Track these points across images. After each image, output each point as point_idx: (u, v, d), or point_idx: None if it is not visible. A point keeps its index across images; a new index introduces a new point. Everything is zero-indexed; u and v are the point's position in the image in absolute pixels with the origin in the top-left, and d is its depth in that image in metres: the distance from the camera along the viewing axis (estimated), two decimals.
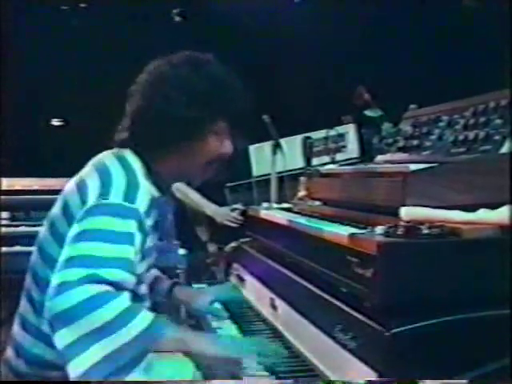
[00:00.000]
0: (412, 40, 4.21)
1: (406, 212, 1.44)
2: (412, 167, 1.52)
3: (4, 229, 3.65)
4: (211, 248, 3.89)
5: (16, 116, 4.90)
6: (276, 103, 4.38)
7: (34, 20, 4.97)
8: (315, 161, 3.19)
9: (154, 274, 1.93)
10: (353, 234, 1.39)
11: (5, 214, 3.77)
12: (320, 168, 2.39)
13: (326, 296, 1.49)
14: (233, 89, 1.60)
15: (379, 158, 2.01)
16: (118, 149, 1.60)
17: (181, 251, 3.41)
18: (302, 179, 2.40)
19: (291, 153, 3.48)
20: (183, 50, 1.63)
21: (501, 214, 1.33)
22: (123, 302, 1.31)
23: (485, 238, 1.31)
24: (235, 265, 2.44)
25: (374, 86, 3.50)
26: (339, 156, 3.61)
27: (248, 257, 2.32)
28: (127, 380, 1.28)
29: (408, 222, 1.36)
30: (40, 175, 3.93)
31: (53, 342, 1.29)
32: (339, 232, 1.46)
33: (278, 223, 2.02)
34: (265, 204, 2.72)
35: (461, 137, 1.77)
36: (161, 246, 1.71)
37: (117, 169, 1.51)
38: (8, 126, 4.65)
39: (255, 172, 4.24)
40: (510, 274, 1.23)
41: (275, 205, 2.70)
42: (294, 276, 1.74)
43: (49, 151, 5.21)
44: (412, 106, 2.29)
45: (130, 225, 1.40)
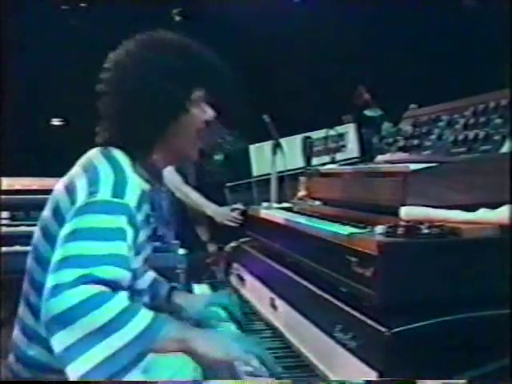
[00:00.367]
0: (412, 40, 4.21)
1: (406, 212, 1.44)
2: (412, 167, 1.52)
3: (4, 228, 3.65)
4: (211, 248, 3.89)
5: (16, 116, 4.90)
6: (276, 103, 4.38)
7: (34, 20, 4.97)
8: (315, 160, 3.19)
9: (152, 277, 1.91)
10: (353, 234, 1.39)
11: (5, 214, 3.77)
12: (320, 168, 2.39)
13: (326, 296, 1.49)
14: (197, 54, 1.59)
15: (379, 158, 2.01)
16: (104, 147, 1.58)
17: (181, 251, 3.41)
18: (302, 179, 2.40)
19: (291, 152, 3.48)
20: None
21: (501, 214, 1.33)
22: (121, 302, 1.29)
23: (485, 238, 1.31)
24: (235, 264, 2.43)
25: (374, 86, 3.51)
26: (339, 156, 3.61)
27: (248, 256, 2.32)
28: (127, 380, 1.27)
29: (408, 222, 1.36)
30: (40, 175, 3.93)
31: (50, 346, 1.27)
32: (339, 232, 1.46)
33: (278, 223, 2.02)
34: (265, 204, 2.72)
35: (461, 136, 1.77)
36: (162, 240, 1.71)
37: (104, 166, 1.50)
38: (8, 126, 4.65)
39: (255, 172, 4.24)
40: (510, 274, 1.23)
41: (275, 204, 2.70)
42: (294, 276, 1.74)
43: (49, 151, 5.21)
44: (412, 106, 2.29)
45: (121, 220, 1.39)
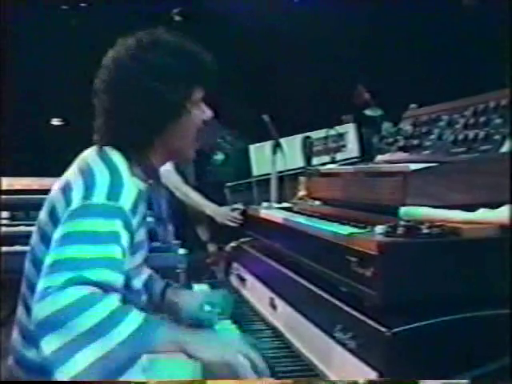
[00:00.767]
0: (412, 40, 4.22)
1: (406, 212, 1.44)
2: (412, 167, 1.52)
3: (4, 228, 3.65)
4: (211, 248, 3.89)
5: (16, 116, 4.90)
6: (276, 103, 4.38)
7: (34, 20, 4.97)
8: (315, 160, 3.19)
9: (148, 273, 1.90)
10: (353, 234, 1.39)
11: (5, 214, 3.77)
12: (320, 168, 2.39)
13: (326, 295, 1.48)
14: (196, 54, 1.58)
15: (379, 158, 2.01)
16: (101, 146, 1.57)
17: (181, 251, 3.41)
18: (302, 179, 2.40)
19: (291, 152, 3.48)
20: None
21: (501, 214, 1.33)
22: (111, 304, 1.27)
23: (485, 238, 1.31)
24: (235, 264, 2.43)
25: (374, 86, 3.51)
26: (339, 155, 3.61)
27: (248, 256, 2.32)
28: (127, 380, 1.26)
29: (408, 222, 1.36)
30: (40, 175, 3.93)
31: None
32: (339, 232, 1.46)
33: (278, 223, 2.02)
34: (265, 204, 2.72)
35: (461, 136, 1.77)
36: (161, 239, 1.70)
37: (100, 168, 1.49)
38: (8, 126, 4.65)
39: (255, 172, 4.24)
40: (510, 274, 1.23)
41: (275, 204, 2.70)
42: (294, 275, 1.74)
43: (49, 151, 5.21)
44: (412, 106, 2.29)
45: (115, 224, 1.38)
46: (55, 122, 5.47)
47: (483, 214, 1.36)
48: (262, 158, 4.02)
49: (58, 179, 1.58)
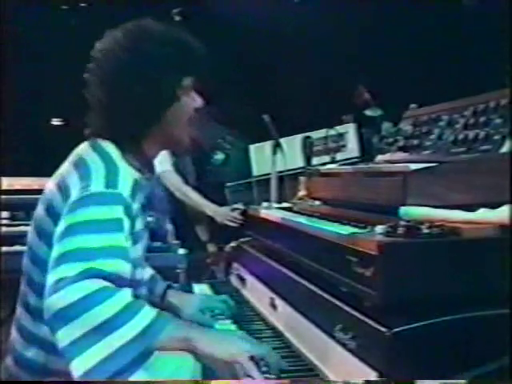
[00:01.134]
0: (412, 40, 4.21)
1: (406, 211, 1.44)
2: (412, 167, 1.52)
3: (4, 228, 3.65)
4: (211, 248, 3.89)
5: (16, 116, 4.90)
6: (276, 103, 4.38)
7: (34, 20, 4.97)
8: (315, 160, 3.19)
9: (150, 274, 1.91)
10: (353, 234, 1.39)
11: (5, 214, 3.77)
12: (320, 168, 2.39)
13: (326, 295, 1.49)
14: (184, 42, 1.58)
15: (379, 158, 2.01)
16: (94, 139, 1.57)
17: (181, 251, 3.41)
18: (302, 179, 2.40)
19: (291, 152, 3.48)
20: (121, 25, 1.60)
21: (501, 214, 1.33)
22: (124, 298, 1.28)
23: (485, 238, 1.31)
24: (235, 264, 2.44)
25: (374, 86, 3.50)
26: (339, 155, 3.61)
27: (248, 256, 2.32)
28: (127, 380, 1.26)
29: (408, 222, 1.36)
30: (40, 175, 3.92)
31: (50, 348, 1.26)
32: (339, 231, 1.46)
33: (278, 223, 2.02)
34: (265, 204, 2.72)
35: (461, 136, 1.77)
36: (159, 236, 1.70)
37: (94, 159, 1.49)
38: (8, 126, 4.65)
39: (255, 172, 4.24)
40: (510, 274, 1.23)
41: (275, 204, 2.70)
42: (294, 275, 1.74)
43: (49, 151, 5.20)
44: (412, 106, 2.29)
45: (117, 210, 1.38)
46: (55, 122, 5.46)
47: (483, 214, 1.36)
48: (262, 158, 4.01)
49: (53, 176, 1.58)
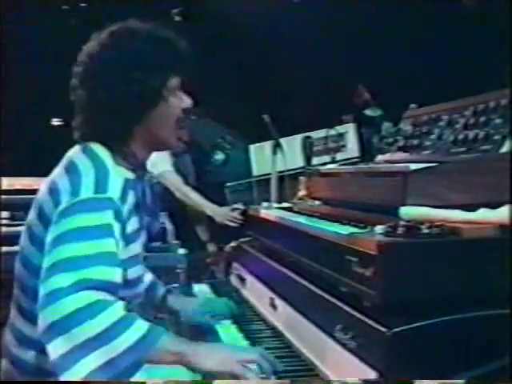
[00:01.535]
0: (412, 40, 4.21)
1: (406, 211, 1.44)
2: (412, 167, 1.52)
3: (4, 228, 3.65)
4: (211, 248, 3.89)
5: (16, 116, 4.89)
6: (276, 103, 4.38)
7: (34, 20, 4.97)
8: (315, 160, 3.19)
9: (150, 280, 1.90)
10: (353, 234, 1.39)
11: (5, 214, 3.77)
12: (320, 168, 2.39)
13: (326, 295, 1.49)
14: (171, 41, 1.58)
15: (379, 158, 2.01)
16: (84, 142, 1.57)
17: (181, 251, 3.41)
18: (302, 179, 2.40)
19: (291, 152, 3.47)
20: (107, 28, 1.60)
21: (501, 214, 1.33)
22: (118, 311, 1.29)
23: (485, 238, 1.31)
24: (235, 264, 2.44)
25: (374, 86, 3.50)
26: (339, 155, 3.61)
27: (248, 256, 2.32)
28: (127, 380, 1.27)
29: (408, 222, 1.36)
30: (40, 175, 3.92)
31: (44, 350, 1.26)
32: (339, 232, 1.46)
33: (278, 223, 2.03)
34: (265, 204, 2.72)
35: (461, 136, 1.77)
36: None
37: (84, 162, 1.49)
38: (8, 126, 4.64)
39: (255, 172, 4.24)
40: (510, 274, 1.23)
41: (275, 204, 2.70)
42: (294, 275, 1.74)
43: (49, 151, 5.20)
44: (412, 106, 2.29)
45: (106, 216, 1.38)
46: (55, 122, 5.46)
47: (483, 214, 1.36)
48: (262, 158, 4.01)
49: (45, 179, 1.58)
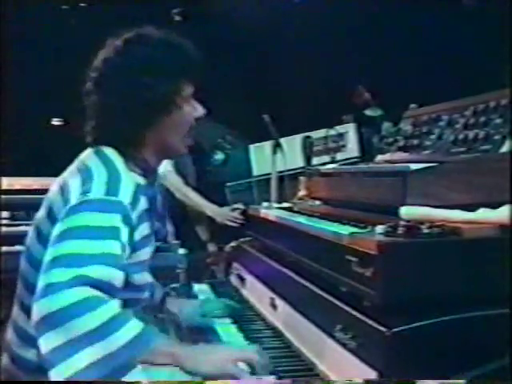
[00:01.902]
0: (412, 40, 4.21)
1: (406, 211, 1.44)
2: (412, 167, 1.52)
3: (4, 228, 3.65)
4: (211, 247, 3.89)
5: (16, 116, 4.89)
6: (276, 103, 4.37)
7: (34, 20, 4.97)
8: (315, 160, 3.19)
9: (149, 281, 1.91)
10: (353, 234, 1.39)
11: (5, 214, 3.77)
12: (320, 168, 2.39)
13: (326, 295, 1.49)
14: (186, 50, 1.58)
15: (379, 158, 2.01)
16: (97, 146, 1.58)
17: (181, 251, 3.41)
18: (302, 179, 2.40)
19: (291, 152, 3.47)
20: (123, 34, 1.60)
21: (501, 214, 1.33)
22: (112, 309, 1.28)
23: (485, 238, 1.31)
24: (235, 264, 2.44)
25: (374, 86, 3.50)
26: (339, 155, 3.61)
27: (248, 256, 2.32)
28: (127, 380, 1.26)
29: (408, 222, 1.36)
30: (40, 175, 3.92)
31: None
32: (339, 231, 1.46)
33: (278, 223, 2.03)
34: (265, 203, 2.72)
35: (461, 136, 1.77)
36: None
37: (97, 165, 1.50)
38: (8, 126, 4.64)
39: (255, 171, 4.23)
40: (510, 274, 1.23)
41: (275, 204, 2.70)
42: (294, 275, 1.74)
43: (49, 151, 5.21)
44: (412, 106, 2.29)
45: (114, 219, 1.38)
46: (55, 122, 5.46)
47: (483, 214, 1.36)
48: (262, 158, 4.01)
49: (57, 179, 1.59)
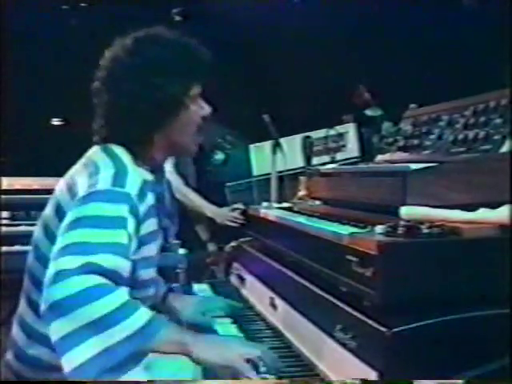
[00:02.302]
0: (412, 40, 4.21)
1: (406, 211, 1.44)
2: (412, 167, 1.53)
3: (4, 228, 3.66)
4: (211, 247, 3.89)
5: (16, 115, 4.89)
6: (276, 103, 4.37)
7: (34, 20, 4.97)
8: (315, 160, 3.19)
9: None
10: (353, 234, 1.39)
11: (5, 214, 3.78)
12: (320, 167, 2.39)
13: (326, 295, 1.49)
14: (193, 50, 1.60)
15: (379, 158, 2.01)
16: (104, 144, 1.59)
17: (181, 251, 3.41)
18: (302, 179, 2.40)
19: (291, 152, 3.48)
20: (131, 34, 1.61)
21: (501, 214, 1.33)
22: (121, 297, 1.29)
23: (485, 238, 1.31)
24: (235, 264, 2.44)
25: (374, 86, 3.50)
26: (339, 155, 3.61)
27: (248, 256, 2.32)
28: (127, 380, 1.26)
29: (408, 222, 1.36)
30: (40, 175, 3.93)
31: (51, 344, 1.26)
32: (339, 231, 1.46)
33: (278, 223, 2.03)
34: (265, 203, 2.72)
35: (461, 136, 1.77)
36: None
37: (104, 160, 1.52)
38: (8, 126, 4.64)
39: (255, 171, 4.24)
40: (510, 274, 1.23)
41: (275, 204, 2.70)
42: (294, 275, 1.74)
43: (49, 151, 5.20)
44: (412, 106, 2.29)
45: (121, 209, 1.39)
46: (55, 122, 5.46)
47: (483, 214, 1.36)
48: (262, 158, 4.01)
49: (59, 179, 1.60)
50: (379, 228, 1.36)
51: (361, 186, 1.83)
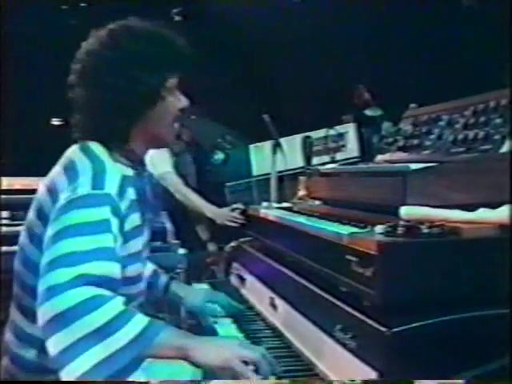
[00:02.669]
0: (412, 40, 4.21)
1: (406, 211, 1.44)
2: (412, 166, 1.52)
3: (4, 228, 3.66)
4: (211, 247, 3.89)
5: (16, 115, 4.89)
6: (276, 102, 4.38)
7: (34, 20, 4.97)
8: (315, 160, 3.20)
9: (152, 269, 1.92)
10: (353, 234, 1.39)
11: (5, 214, 3.78)
12: (320, 167, 2.39)
13: (326, 295, 1.49)
14: (170, 40, 1.58)
15: (379, 158, 2.01)
16: (83, 141, 1.58)
17: (181, 251, 3.41)
18: (302, 178, 2.40)
19: (291, 152, 3.48)
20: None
21: (501, 214, 1.33)
22: (117, 306, 1.29)
23: (485, 238, 1.31)
24: (235, 264, 2.44)
25: (374, 86, 3.50)
26: (339, 155, 3.62)
27: (248, 256, 2.32)
28: (127, 380, 1.26)
29: (408, 222, 1.36)
30: (40, 175, 3.92)
31: (45, 347, 1.26)
32: (339, 231, 1.46)
33: (278, 222, 2.02)
34: (265, 203, 2.72)
35: (461, 136, 1.77)
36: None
37: (82, 160, 1.50)
38: (8, 126, 4.64)
39: (255, 171, 4.24)
40: (510, 274, 1.23)
41: (275, 204, 2.70)
42: (294, 275, 1.74)
43: (49, 151, 5.20)
44: (412, 106, 2.29)
45: (104, 211, 1.38)
46: (55, 122, 5.46)
47: (483, 214, 1.36)
48: (262, 158, 4.02)
49: (44, 179, 1.59)
50: (379, 228, 1.36)
51: (361, 186, 1.83)
